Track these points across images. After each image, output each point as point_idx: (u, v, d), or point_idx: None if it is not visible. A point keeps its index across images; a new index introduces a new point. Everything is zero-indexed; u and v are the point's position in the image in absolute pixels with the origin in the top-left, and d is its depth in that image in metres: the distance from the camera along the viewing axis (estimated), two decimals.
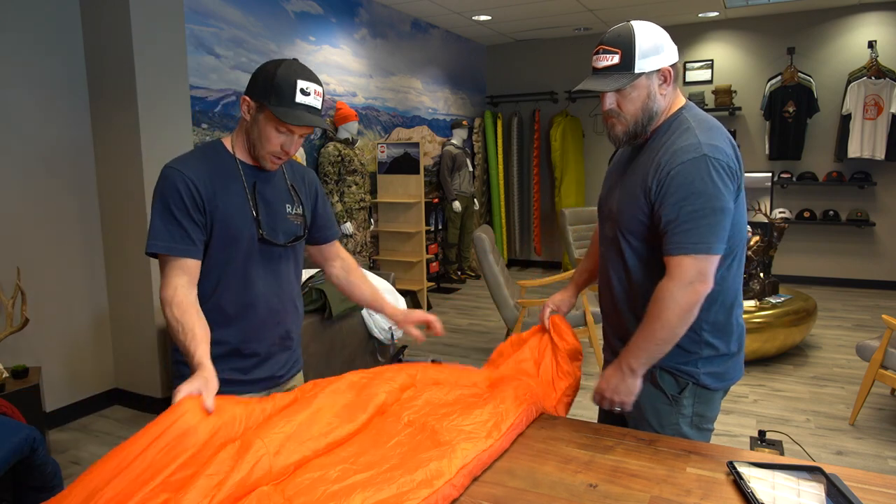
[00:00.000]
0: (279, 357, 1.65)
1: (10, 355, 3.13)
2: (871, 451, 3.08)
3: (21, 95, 3.18)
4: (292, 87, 1.43)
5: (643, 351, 1.46)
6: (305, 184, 1.71)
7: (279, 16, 4.66)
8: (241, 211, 1.52)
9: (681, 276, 1.38)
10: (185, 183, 1.45)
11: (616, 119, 1.50)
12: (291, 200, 1.64)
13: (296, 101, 1.43)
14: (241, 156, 1.56)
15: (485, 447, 1.32)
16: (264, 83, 1.45)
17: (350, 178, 4.97)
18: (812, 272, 6.82)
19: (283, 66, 1.45)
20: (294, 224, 1.64)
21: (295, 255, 1.67)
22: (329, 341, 3.50)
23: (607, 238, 1.61)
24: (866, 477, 1.23)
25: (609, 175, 1.69)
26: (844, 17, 6.39)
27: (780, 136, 6.55)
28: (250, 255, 1.54)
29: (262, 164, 1.53)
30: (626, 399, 1.52)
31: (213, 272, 1.51)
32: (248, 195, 1.54)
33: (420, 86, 6.62)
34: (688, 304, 1.39)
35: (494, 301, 4.28)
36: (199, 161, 1.51)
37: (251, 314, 1.56)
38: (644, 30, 1.45)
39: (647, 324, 1.44)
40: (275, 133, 1.47)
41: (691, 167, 1.38)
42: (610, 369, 1.54)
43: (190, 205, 1.45)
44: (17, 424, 2.11)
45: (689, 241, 1.38)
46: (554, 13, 6.34)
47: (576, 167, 7.51)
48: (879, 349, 3.24)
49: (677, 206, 1.39)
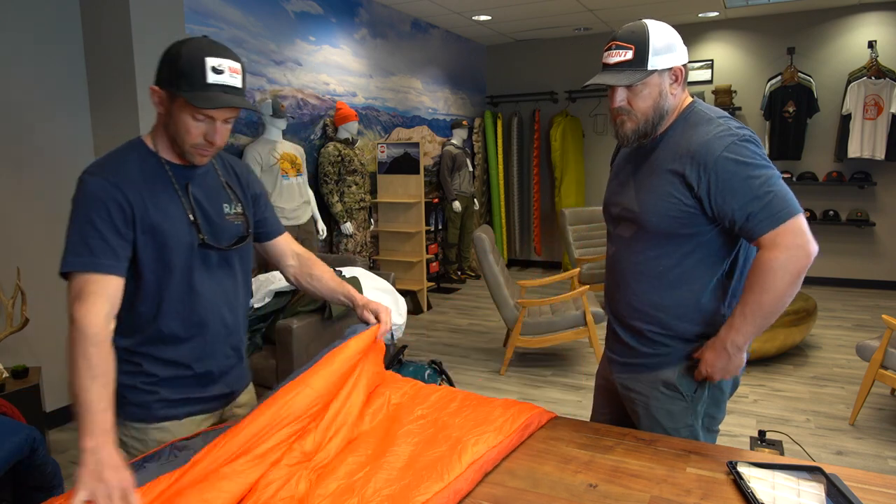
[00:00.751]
0: (234, 371, 1.53)
1: (10, 355, 3.13)
2: (871, 451, 3.07)
3: (21, 95, 3.18)
4: (201, 67, 1.25)
5: (750, 325, 1.42)
6: (240, 177, 1.55)
7: (279, 16, 4.66)
8: (177, 217, 1.36)
9: (785, 242, 1.36)
10: (108, 191, 1.27)
11: (626, 116, 1.49)
12: (228, 199, 1.48)
13: (207, 81, 1.26)
14: (165, 154, 1.39)
15: (495, 443, 1.33)
16: (170, 68, 1.27)
17: (350, 178, 4.97)
18: (812, 272, 6.81)
19: (188, 46, 1.28)
20: (235, 224, 1.48)
21: (241, 260, 1.51)
22: (329, 341, 3.49)
23: (622, 239, 1.60)
24: (866, 477, 1.23)
25: (616, 174, 1.66)
26: (844, 17, 6.39)
27: (780, 136, 6.55)
28: (192, 265, 1.38)
29: (189, 159, 1.36)
30: (733, 374, 1.51)
31: (152, 293, 1.35)
32: (182, 198, 1.38)
33: (420, 86, 6.62)
34: (796, 269, 1.37)
35: (494, 301, 4.28)
36: (122, 165, 1.33)
37: (203, 330, 1.41)
38: (658, 28, 1.45)
39: (755, 296, 1.40)
40: (192, 122, 1.30)
41: (736, 150, 1.39)
42: (710, 353, 1.49)
43: (116, 216, 1.27)
44: (17, 424, 2.11)
45: (774, 214, 1.36)
46: (554, 13, 6.34)
47: (576, 167, 7.51)
48: (879, 349, 3.24)
49: (745, 188, 1.37)
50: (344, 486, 1.17)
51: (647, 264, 1.54)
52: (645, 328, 1.57)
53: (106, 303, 1.23)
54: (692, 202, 1.44)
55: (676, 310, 1.53)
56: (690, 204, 1.44)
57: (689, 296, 1.52)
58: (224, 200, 1.47)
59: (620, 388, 1.69)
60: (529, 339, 4.20)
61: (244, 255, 1.53)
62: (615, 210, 1.62)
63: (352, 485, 1.17)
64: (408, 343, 4.70)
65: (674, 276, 1.51)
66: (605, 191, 1.71)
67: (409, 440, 1.33)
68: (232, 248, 1.46)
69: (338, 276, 1.70)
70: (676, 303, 1.53)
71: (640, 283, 1.56)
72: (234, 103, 1.29)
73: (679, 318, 1.54)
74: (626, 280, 1.59)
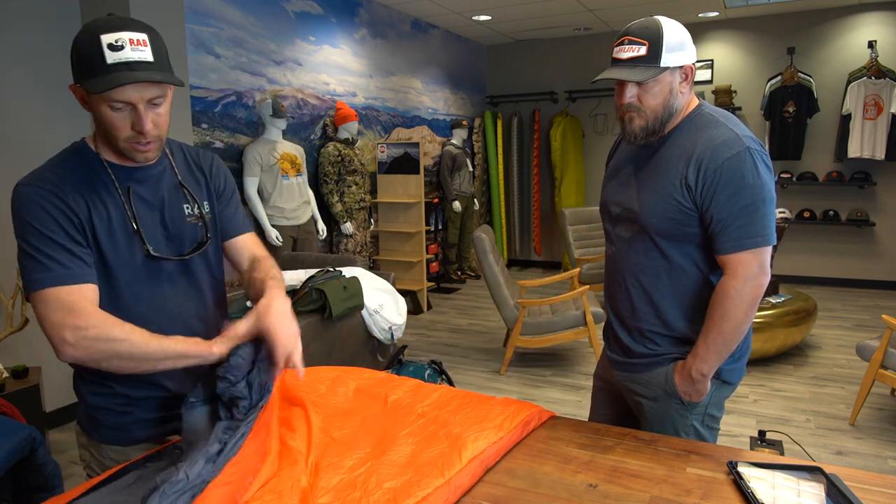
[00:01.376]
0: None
1: (10, 355, 3.13)
2: (871, 451, 3.07)
3: (21, 95, 3.18)
4: (97, 47, 1.10)
5: (713, 353, 1.46)
6: (205, 172, 1.40)
7: (279, 16, 4.66)
8: (118, 226, 1.23)
9: (744, 272, 1.40)
10: (48, 200, 1.15)
11: (636, 113, 1.47)
12: (187, 200, 1.33)
13: (108, 62, 1.10)
14: (107, 156, 1.25)
15: (495, 439, 1.33)
16: (74, 59, 1.14)
17: (350, 178, 4.97)
18: (812, 272, 6.81)
19: (83, 29, 1.14)
20: (196, 227, 1.34)
21: (207, 265, 1.38)
22: (329, 341, 3.49)
23: (622, 239, 1.60)
24: (866, 477, 1.23)
25: (615, 173, 1.65)
26: (844, 17, 6.39)
27: (780, 136, 6.55)
28: (141, 278, 1.25)
29: (129, 156, 1.22)
30: (701, 398, 1.54)
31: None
32: (124, 204, 1.24)
33: (420, 86, 6.62)
34: (753, 299, 1.42)
35: (494, 301, 4.28)
36: (59, 171, 1.21)
37: None
38: (671, 25, 1.44)
39: (714, 326, 1.45)
40: (111, 113, 1.15)
41: (738, 161, 1.39)
42: (678, 377, 1.54)
43: (65, 223, 1.16)
44: (17, 424, 2.11)
45: (746, 237, 1.40)
46: (554, 13, 6.34)
47: (576, 167, 7.51)
48: (879, 349, 3.24)
49: (729, 203, 1.39)
50: (346, 481, 1.17)
51: (647, 264, 1.54)
52: (645, 328, 1.58)
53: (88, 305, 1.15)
54: (691, 205, 1.44)
55: (676, 310, 1.54)
56: (689, 207, 1.45)
57: (688, 296, 1.53)
58: (183, 201, 1.33)
59: (623, 390, 1.69)
60: (529, 339, 4.20)
61: (210, 260, 1.39)
62: (615, 210, 1.61)
63: (353, 480, 1.17)
64: (408, 343, 4.70)
65: (674, 276, 1.52)
66: (603, 190, 1.70)
67: (409, 439, 1.34)
68: (188, 257, 1.31)
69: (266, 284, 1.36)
70: (676, 304, 1.54)
71: (640, 283, 1.56)
72: (140, 78, 1.10)
73: (678, 318, 1.54)
74: (627, 280, 1.59)
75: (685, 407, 1.56)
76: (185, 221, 1.33)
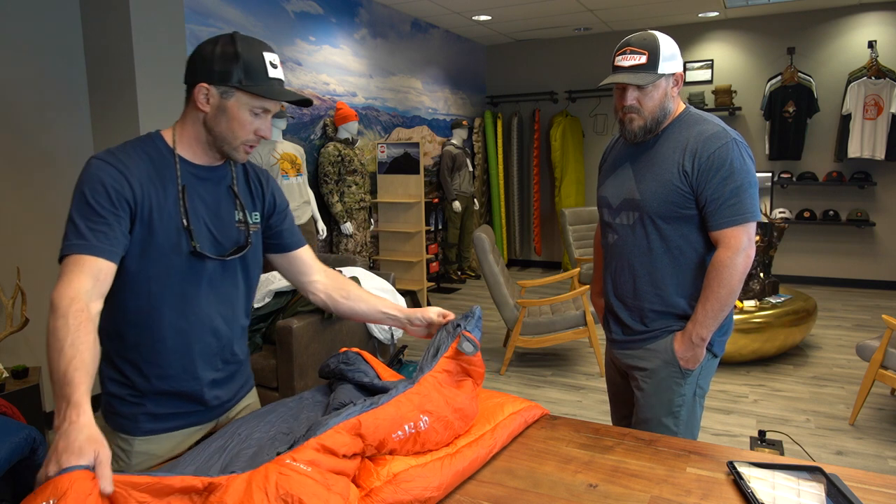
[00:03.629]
0: (227, 383, 1.45)
1: (10, 355, 3.13)
2: (871, 451, 3.07)
3: (21, 95, 3.18)
4: (261, 62, 1.27)
5: (711, 318, 1.66)
6: (262, 185, 1.49)
7: (279, 16, 4.66)
8: (171, 219, 1.30)
9: (736, 244, 1.62)
10: (111, 175, 1.23)
11: (636, 114, 1.68)
12: (239, 206, 1.42)
13: (270, 76, 1.28)
14: (183, 152, 1.34)
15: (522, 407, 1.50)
16: (226, 64, 1.26)
17: (350, 178, 4.97)
18: (812, 272, 6.81)
19: (241, 41, 1.28)
20: (240, 232, 1.41)
21: (245, 269, 1.44)
22: (329, 341, 3.49)
23: (623, 226, 1.77)
24: (866, 477, 1.23)
25: (612, 170, 1.84)
26: (844, 17, 6.39)
27: (780, 136, 6.55)
28: (181, 271, 1.31)
29: (234, 156, 1.34)
30: (697, 364, 1.73)
31: (138, 291, 1.28)
32: (180, 200, 1.31)
33: (420, 86, 6.62)
34: (744, 267, 1.62)
35: (494, 301, 4.28)
36: (132, 153, 1.29)
37: (188, 339, 1.34)
38: (664, 38, 1.67)
39: (712, 293, 1.64)
40: (249, 117, 1.29)
41: (726, 150, 1.62)
42: (679, 344, 1.72)
43: (115, 199, 1.22)
44: (17, 424, 2.10)
45: (737, 214, 1.62)
46: (554, 13, 6.34)
47: (576, 167, 7.51)
48: (879, 349, 3.24)
49: (721, 185, 1.61)
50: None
51: (649, 247, 1.73)
52: (646, 307, 1.76)
53: (87, 279, 1.15)
54: (688, 189, 1.65)
55: (677, 288, 1.73)
56: (687, 190, 1.66)
57: (687, 273, 1.72)
58: (234, 207, 1.41)
59: (624, 368, 1.86)
60: (529, 339, 4.20)
61: (248, 265, 1.45)
62: (615, 201, 1.79)
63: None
64: (408, 343, 4.70)
65: (672, 256, 1.71)
66: (600, 186, 1.89)
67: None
68: (228, 258, 1.37)
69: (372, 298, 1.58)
70: (677, 281, 1.72)
71: (643, 263, 1.74)
72: (294, 95, 1.32)
73: (679, 295, 1.73)
74: (630, 262, 1.77)
75: (682, 375, 1.74)
76: (232, 226, 1.40)
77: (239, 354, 1.47)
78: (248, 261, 1.44)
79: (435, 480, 1.17)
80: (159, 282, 1.29)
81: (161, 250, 1.28)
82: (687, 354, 1.71)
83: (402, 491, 1.12)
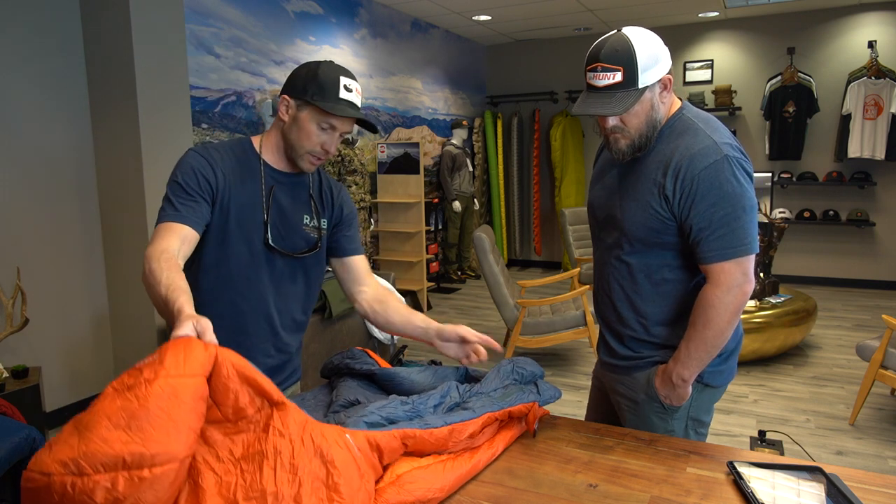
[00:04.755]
0: (278, 370, 1.57)
1: (10, 355, 3.13)
2: (871, 451, 3.08)
3: (21, 95, 3.18)
4: (336, 83, 1.42)
5: (695, 360, 1.46)
6: (333, 196, 1.63)
7: (279, 16, 4.66)
8: (253, 211, 1.47)
9: (727, 281, 1.39)
10: (202, 164, 1.42)
11: (620, 134, 1.45)
12: (311, 212, 1.57)
13: (339, 96, 1.42)
14: (267, 157, 1.52)
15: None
16: (306, 80, 1.43)
17: (350, 178, 4.98)
18: (812, 272, 6.81)
19: (325, 65, 1.45)
20: (309, 236, 1.56)
21: (305, 269, 1.58)
22: (329, 341, 3.49)
23: (605, 243, 1.60)
24: (866, 477, 1.23)
25: (599, 178, 1.65)
26: (844, 17, 6.39)
27: (780, 136, 6.55)
28: (250, 259, 1.47)
29: (300, 164, 1.49)
30: (681, 402, 1.54)
31: (208, 268, 1.46)
32: (263, 197, 1.49)
33: (420, 86, 6.62)
34: (736, 307, 1.41)
35: (494, 301, 4.28)
36: (223, 151, 1.48)
37: (248, 321, 1.49)
38: (641, 40, 1.38)
39: (697, 332, 1.43)
40: (316, 130, 1.44)
41: (715, 171, 1.37)
42: (659, 381, 1.54)
43: (203, 184, 1.40)
44: (17, 424, 2.10)
45: (728, 247, 1.38)
46: (554, 13, 6.34)
47: (576, 167, 7.51)
48: (879, 349, 3.24)
49: (709, 213, 1.38)
50: None
51: (629, 270, 1.54)
52: (627, 333, 1.58)
53: (175, 240, 1.31)
54: (668, 214, 1.44)
55: (656, 316, 1.54)
56: (667, 216, 1.44)
57: (668, 303, 1.53)
58: (305, 212, 1.56)
59: (609, 390, 1.70)
60: (529, 339, 4.20)
61: (309, 266, 1.58)
62: (600, 214, 1.61)
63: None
64: (407, 343, 4.70)
65: (654, 283, 1.52)
66: (590, 192, 1.69)
67: None
68: (297, 257, 1.53)
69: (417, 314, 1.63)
70: (658, 309, 1.54)
71: (623, 288, 1.56)
72: (359, 115, 1.46)
73: (659, 324, 1.55)
74: (610, 285, 1.60)
75: (665, 411, 1.56)
76: (302, 228, 1.55)
77: (291, 346, 1.60)
78: (312, 261, 1.58)
79: (437, 482, 1.18)
80: (228, 265, 1.46)
81: (235, 238, 1.45)
82: (668, 393, 1.53)
83: (405, 492, 1.13)
